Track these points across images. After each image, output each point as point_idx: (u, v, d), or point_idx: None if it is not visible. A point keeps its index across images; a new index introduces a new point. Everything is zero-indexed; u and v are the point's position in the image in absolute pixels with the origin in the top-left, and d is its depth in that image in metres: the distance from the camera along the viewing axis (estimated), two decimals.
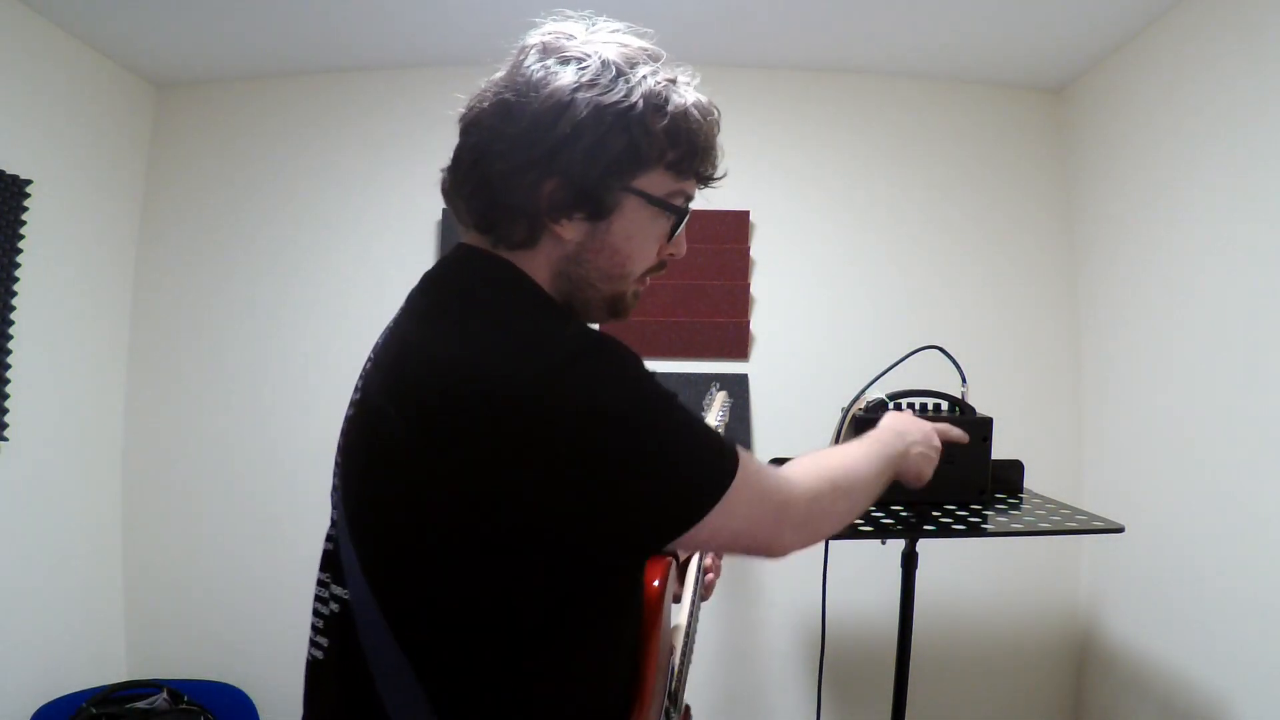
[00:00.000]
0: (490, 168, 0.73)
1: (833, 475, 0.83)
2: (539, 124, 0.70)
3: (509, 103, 0.73)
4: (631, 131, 0.72)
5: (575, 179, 0.71)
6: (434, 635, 0.66)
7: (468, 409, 0.62)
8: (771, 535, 0.75)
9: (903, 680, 1.37)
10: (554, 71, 0.73)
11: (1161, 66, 1.86)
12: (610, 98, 0.72)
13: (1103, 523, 1.20)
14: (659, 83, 0.77)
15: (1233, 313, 1.62)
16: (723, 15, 1.98)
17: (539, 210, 0.72)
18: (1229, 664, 1.60)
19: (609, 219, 0.75)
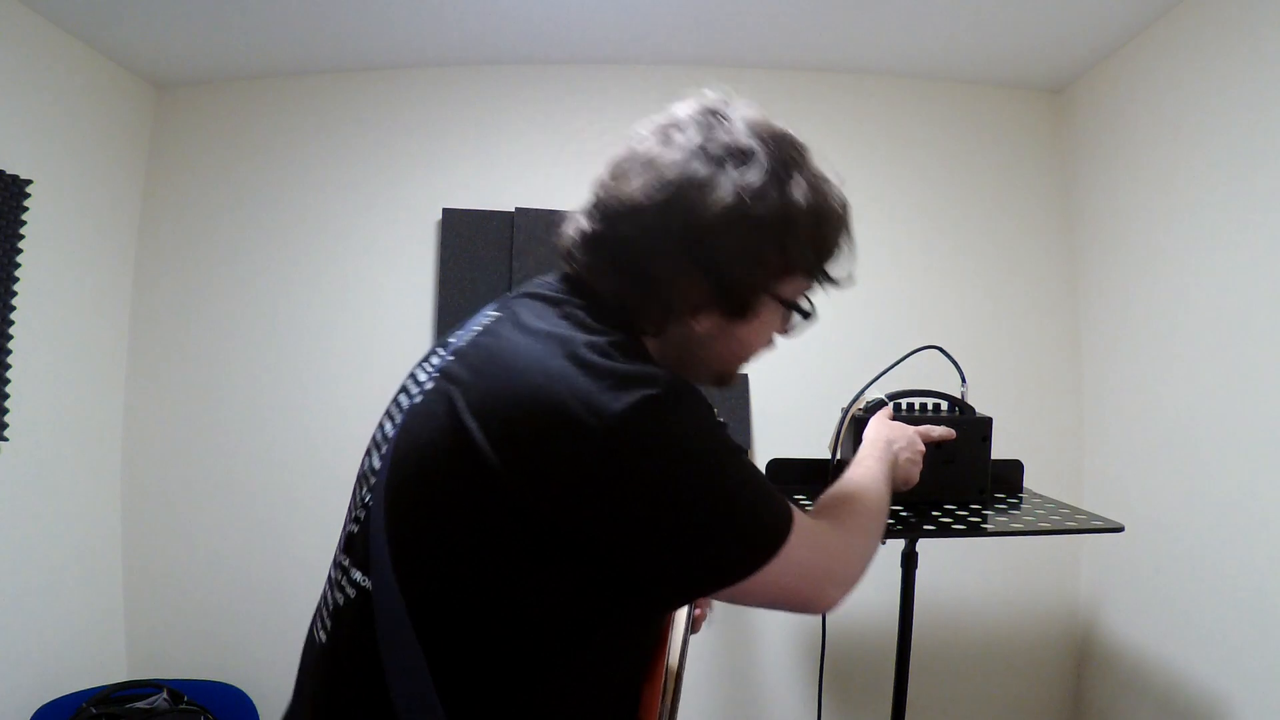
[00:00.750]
0: (644, 261, 0.72)
1: (864, 522, 0.84)
2: (699, 227, 0.70)
3: (669, 202, 0.70)
4: (784, 242, 0.73)
5: (725, 284, 0.72)
6: (458, 637, 0.66)
7: (549, 432, 0.63)
8: (817, 593, 0.74)
9: (903, 679, 1.37)
10: (717, 172, 0.71)
11: (1161, 66, 1.86)
12: (768, 206, 0.71)
13: (1102, 522, 1.20)
14: (812, 189, 0.76)
15: (1232, 312, 1.62)
16: (723, 15, 1.98)
17: (681, 307, 0.73)
18: (1228, 663, 1.60)
19: (744, 320, 0.76)
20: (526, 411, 0.64)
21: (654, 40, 2.12)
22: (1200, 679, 1.68)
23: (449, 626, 0.66)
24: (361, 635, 0.68)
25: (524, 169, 2.25)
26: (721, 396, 2.15)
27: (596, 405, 0.63)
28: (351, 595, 0.70)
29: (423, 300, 2.22)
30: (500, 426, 0.64)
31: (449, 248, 2.19)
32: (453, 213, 2.20)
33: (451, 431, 0.66)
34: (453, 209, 2.20)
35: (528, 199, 2.21)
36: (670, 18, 2.00)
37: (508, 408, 0.65)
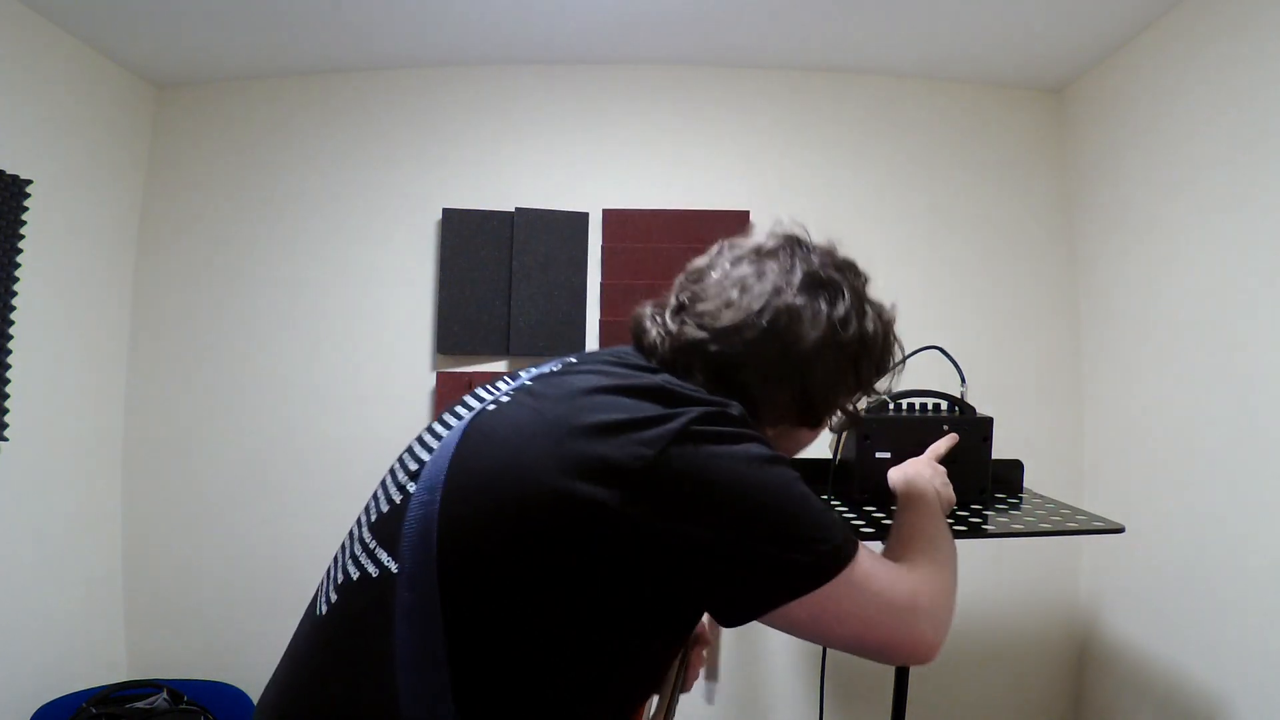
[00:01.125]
0: (739, 375, 0.80)
1: (939, 556, 0.85)
2: (797, 353, 0.79)
3: (769, 326, 0.79)
4: (859, 369, 0.84)
5: (809, 400, 0.82)
6: (488, 634, 0.67)
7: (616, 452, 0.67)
8: (907, 630, 0.75)
9: (903, 679, 1.37)
10: (810, 302, 0.80)
11: (1161, 66, 1.86)
12: (851, 335, 0.81)
13: (1103, 523, 1.20)
14: (878, 317, 0.86)
15: (1233, 312, 1.62)
16: (723, 15, 1.98)
17: (766, 416, 0.81)
18: (1229, 664, 1.60)
19: (803, 427, 0.87)
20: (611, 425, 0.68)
21: (654, 40, 2.12)
22: (1200, 679, 1.68)
23: (483, 624, 0.67)
24: (374, 618, 0.69)
25: (524, 169, 2.25)
26: None
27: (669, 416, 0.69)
28: (372, 574, 0.71)
29: (423, 300, 2.22)
30: (593, 450, 0.67)
31: (449, 248, 2.19)
32: (453, 213, 2.20)
33: (528, 441, 0.70)
34: (453, 209, 2.20)
35: (528, 199, 2.21)
36: (670, 18, 2.00)
37: (600, 430, 0.68)
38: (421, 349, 2.22)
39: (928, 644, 0.76)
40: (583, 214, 2.22)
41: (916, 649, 0.75)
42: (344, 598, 0.73)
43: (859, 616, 0.72)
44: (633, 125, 2.26)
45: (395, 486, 0.76)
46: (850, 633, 0.73)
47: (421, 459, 0.75)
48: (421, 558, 0.69)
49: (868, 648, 0.75)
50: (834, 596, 0.70)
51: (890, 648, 0.75)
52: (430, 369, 2.20)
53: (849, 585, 0.71)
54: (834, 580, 0.70)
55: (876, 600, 0.73)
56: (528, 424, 0.72)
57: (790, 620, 0.72)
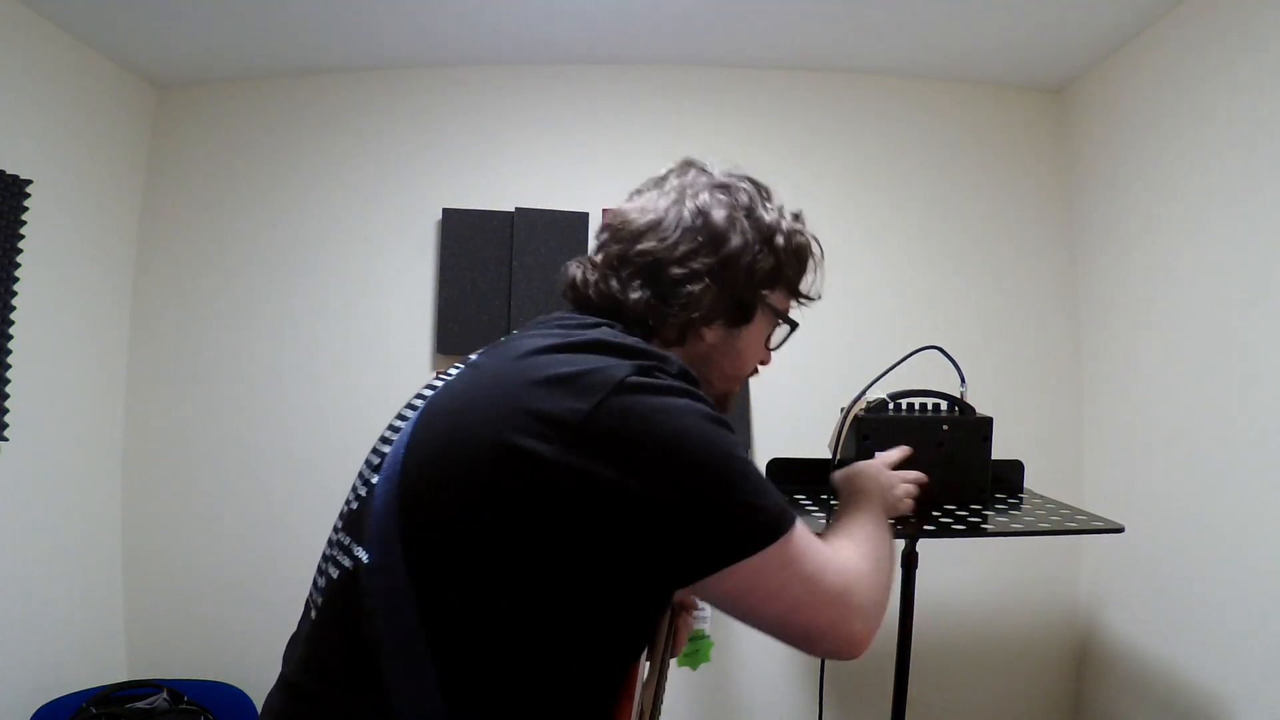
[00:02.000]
0: (666, 275, 0.82)
1: (878, 554, 0.85)
2: (714, 240, 0.83)
3: (687, 222, 0.84)
4: (778, 252, 0.87)
5: (734, 290, 0.84)
6: (461, 613, 0.67)
7: (559, 406, 0.66)
8: (835, 620, 0.73)
9: (903, 679, 1.37)
10: (720, 199, 0.86)
11: (1161, 66, 1.86)
12: (766, 221, 0.87)
13: (1103, 523, 1.20)
14: (781, 213, 0.91)
15: (1233, 312, 1.62)
16: (722, 15, 1.98)
17: (698, 315, 0.83)
18: (1229, 664, 1.60)
19: (744, 328, 0.88)
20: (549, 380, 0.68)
21: (654, 40, 2.12)
22: (1201, 679, 1.68)
23: (455, 606, 0.67)
24: (354, 612, 0.69)
25: (524, 169, 2.25)
26: None
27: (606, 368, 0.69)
28: (349, 568, 0.71)
29: (423, 300, 2.22)
30: (531, 404, 0.67)
31: (449, 248, 2.19)
32: (453, 213, 2.20)
33: (477, 421, 0.69)
34: (453, 209, 2.20)
35: (528, 199, 2.21)
36: (670, 18, 2.00)
37: (539, 385, 0.68)
38: (421, 349, 2.22)
39: (855, 639, 0.74)
40: (583, 214, 2.22)
41: (840, 641, 0.74)
42: (327, 598, 0.73)
43: (788, 596, 0.71)
44: (633, 125, 2.26)
45: (362, 482, 0.77)
46: (776, 613, 0.72)
47: (383, 452, 0.76)
48: (389, 545, 0.69)
49: (792, 631, 0.73)
50: (766, 569, 0.68)
51: (814, 636, 0.74)
52: (430, 369, 2.20)
53: (782, 559, 0.69)
54: (768, 550, 0.68)
55: (808, 582, 0.71)
56: (471, 392, 0.73)
57: (720, 591, 0.70)
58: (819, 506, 1.27)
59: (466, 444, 0.68)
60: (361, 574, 0.70)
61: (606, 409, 0.66)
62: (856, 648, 0.75)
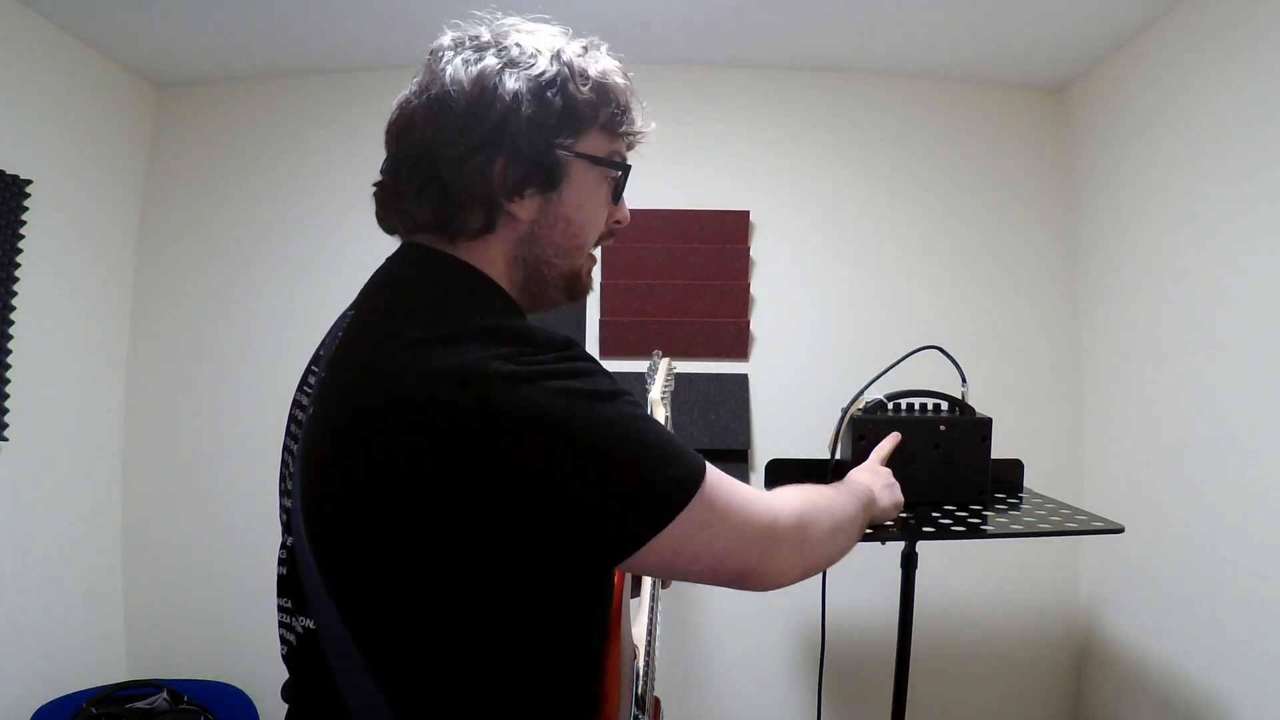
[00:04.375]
0: (438, 161, 0.73)
1: (816, 498, 0.82)
2: (476, 107, 0.72)
3: (442, 96, 0.73)
4: (565, 95, 0.75)
5: (522, 152, 0.73)
6: (407, 660, 0.65)
7: (434, 415, 0.61)
8: (761, 556, 0.72)
9: (903, 680, 1.37)
10: (476, 60, 0.74)
11: (1162, 66, 1.86)
12: (536, 69, 0.74)
13: (1103, 523, 1.20)
14: (575, 52, 0.79)
15: (1233, 312, 1.62)
16: (722, 16, 1.98)
17: (493, 192, 0.73)
18: (1229, 664, 1.60)
19: (559, 189, 0.76)
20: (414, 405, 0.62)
21: (654, 40, 2.12)
22: (1201, 679, 1.68)
23: (397, 651, 0.65)
24: (318, 678, 0.68)
25: None
26: (722, 396, 2.15)
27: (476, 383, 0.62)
28: (303, 635, 0.71)
29: None
30: (390, 427, 0.62)
31: None
32: None
33: (345, 445, 0.65)
34: None
35: None
36: (670, 18, 2.00)
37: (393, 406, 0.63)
38: None
39: (781, 571, 0.73)
40: None
41: (767, 575, 0.73)
42: (295, 664, 0.74)
43: (714, 549, 0.69)
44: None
45: (281, 544, 0.77)
46: (707, 567, 0.70)
47: (286, 507, 0.75)
48: (323, 605, 0.68)
49: (724, 578, 0.72)
50: (686, 532, 0.66)
51: (744, 575, 0.72)
52: None
53: (700, 518, 0.66)
54: (682, 514, 0.65)
55: (732, 529, 0.69)
56: (341, 431, 0.67)
57: (647, 565, 0.67)
58: None
59: (358, 489, 0.64)
60: (312, 642, 0.69)
61: (481, 414, 0.60)
62: (781, 579, 0.74)
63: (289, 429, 0.79)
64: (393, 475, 0.62)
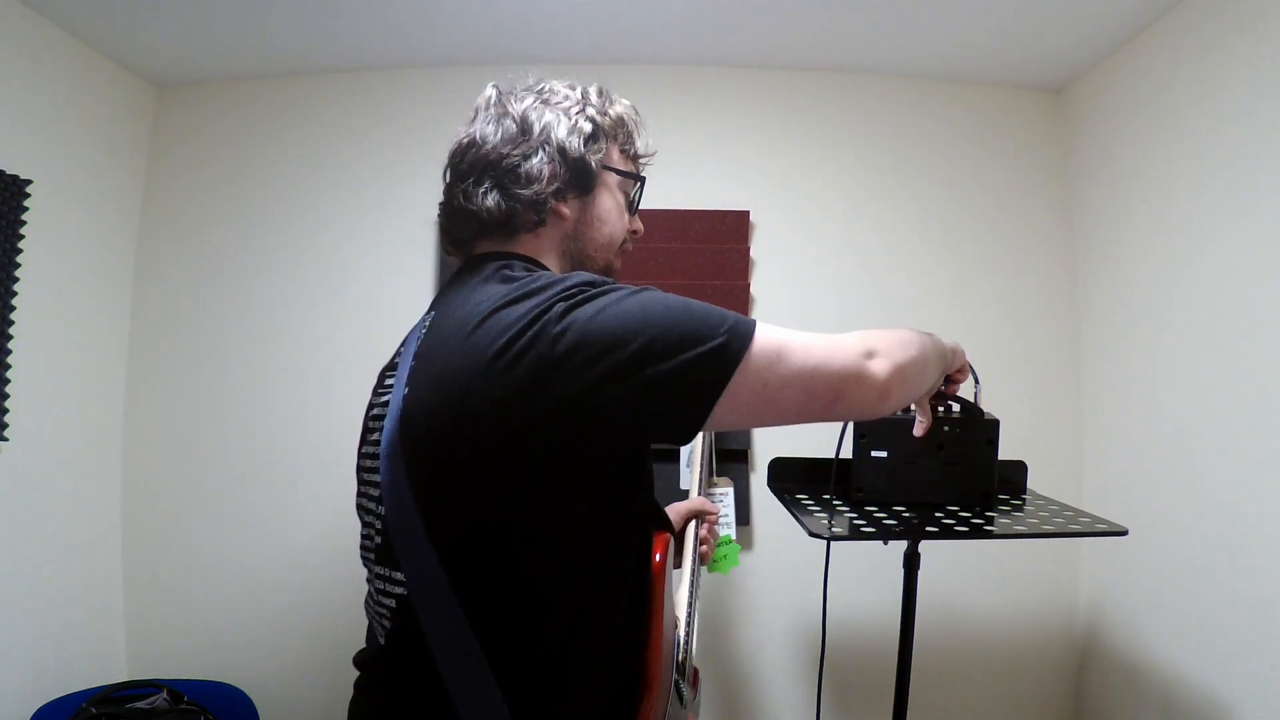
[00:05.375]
0: (501, 167, 0.92)
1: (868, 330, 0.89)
2: (527, 124, 0.93)
3: (499, 121, 0.94)
4: (593, 119, 0.96)
5: (568, 159, 0.93)
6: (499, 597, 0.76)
7: (515, 343, 0.74)
8: (846, 365, 0.80)
9: (904, 681, 1.37)
10: (522, 95, 0.96)
11: (1161, 66, 1.86)
12: (569, 102, 0.96)
13: (1106, 525, 1.20)
14: (595, 92, 1.00)
15: (1233, 313, 1.62)
16: (722, 15, 1.98)
17: (545, 192, 0.91)
18: (1231, 667, 1.60)
19: (593, 193, 0.96)
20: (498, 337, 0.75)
21: (654, 40, 2.12)
22: (1202, 682, 1.68)
23: (492, 598, 0.76)
24: (409, 636, 0.78)
25: None
26: None
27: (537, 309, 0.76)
28: (396, 601, 0.80)
29: (422, 300, 2.21)
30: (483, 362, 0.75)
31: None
32: None
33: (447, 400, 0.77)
34: None
35: None
36: (670, 18, 2.00)
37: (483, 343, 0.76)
38: None
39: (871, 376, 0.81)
40: None
41: (862, 381, 0.80)
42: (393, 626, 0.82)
43: (796, 380, 0.78)
44: None
45: (370, 513, 0.88)
46: (796, 398, 0.78)
47: (374, 494, 0.86)
48: (425, 564, 0.77)
49: (820, 403, 0.80)
50: (758, 372, 0.76)
51: (841, 395, 0.80)
52: None
53: (766, 356, 0.77)
54: (746, 359, 0.76)
55: (803, 357, 0.79)
56: (441, 392, 0.77)
57: (734, 417, 0.78)
58: (820, 506, 1.27)
59: (461, 434, 0.75)
60: (409, 602, 0.78)
61: (560, 329, 0.74)
62: (878, 382, 0.81)
63: (366, 435, 0.93)
64: (486, 413, 0.74)
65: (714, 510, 1.31)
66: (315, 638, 2.13)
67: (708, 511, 1.30)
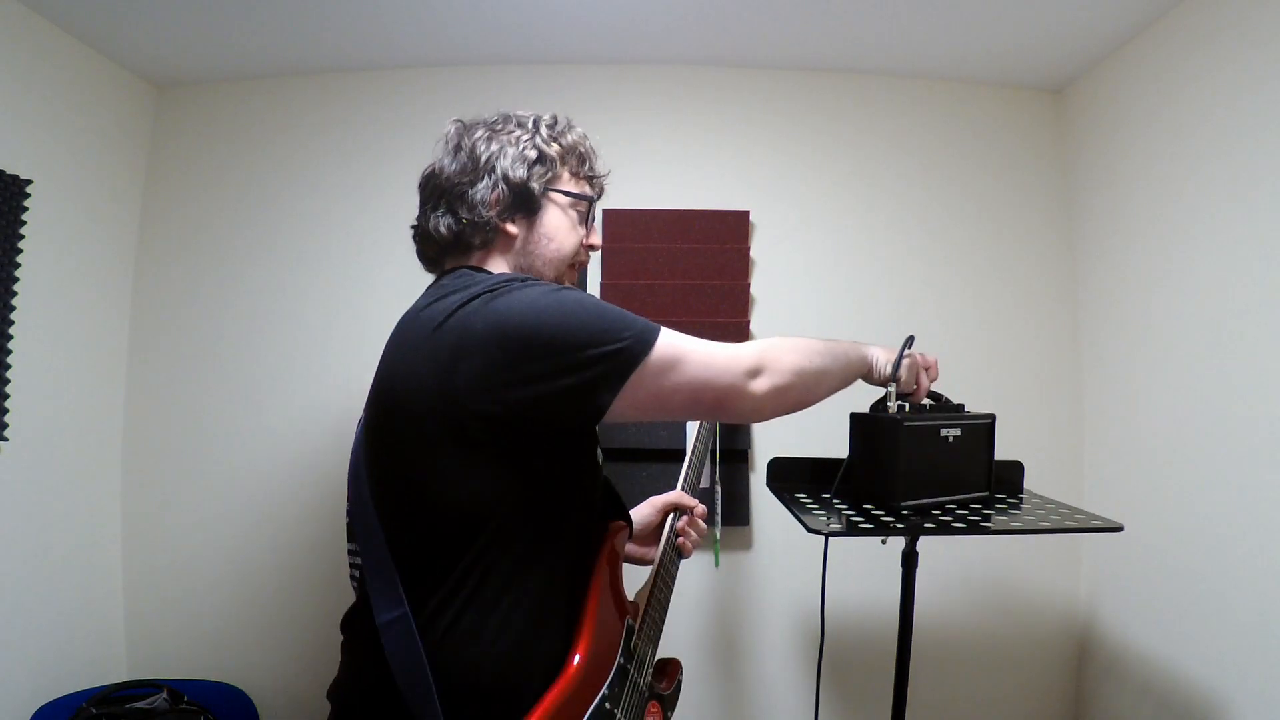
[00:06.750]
0: (453, 193, 1.05)
1: (779, 339, 0.99)
2: (476, 154, 1.05)
3: (453, 152, 1.07)
4: (539, 146, 1.07)
5: (511, 184, 1.04)
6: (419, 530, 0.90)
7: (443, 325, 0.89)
8: (734, 380, 0.91)
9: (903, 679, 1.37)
10: (475, 128, 1.09)
11: (1162, 66, 1.86)
12: (521, 131, 1.08)
13: (1102, 522, 1.20)
14: (546, 122, 1.10)
15: (1232, 313, 1.62)
16: (723, 15, 1.98)
17: (492, 215, 1.04)
18: (1228, 663, 1.60)
19: (539, 214, 1.07)
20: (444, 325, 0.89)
21: (654, 40, 2.13)
22: (1200, 679, 1.68)
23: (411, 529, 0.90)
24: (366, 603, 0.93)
25: None
26: None
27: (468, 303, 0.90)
28: (358, 567, 0.95)
29: None
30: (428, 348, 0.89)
31: None
32: None
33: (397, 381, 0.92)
34: None
35: None
36: (671, 18, 2.00)
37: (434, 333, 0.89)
38: None
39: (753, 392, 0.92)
40: None
41: (744, 397, 0.91)
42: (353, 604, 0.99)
43: (686, 386, 0.89)
44: (633, 125, 2.26)
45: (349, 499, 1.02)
46: (684, 401, 0.90)
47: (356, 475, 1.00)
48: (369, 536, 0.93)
49: (704, 408, 0.92)
50: (653, 376, 0.87)
51: (723, 403, 0.92)
52: None
53: (663, 363, 0.88)
54: (644, 364, 0.87)
55: (698, 366, 0.90)
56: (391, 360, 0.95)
57: (629, 412, 0.88)
58: (819, 506, 1.27)
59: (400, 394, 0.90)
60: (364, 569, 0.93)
61: (462, 320, 0.87)
62: (755, 404, 0.93)
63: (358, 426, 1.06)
64: (415, 386, 0.88)
65: (692, 503, 1.33)
66: (315, 638, 2.13)
67: (686, 505, 1.32)
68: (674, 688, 1.23)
